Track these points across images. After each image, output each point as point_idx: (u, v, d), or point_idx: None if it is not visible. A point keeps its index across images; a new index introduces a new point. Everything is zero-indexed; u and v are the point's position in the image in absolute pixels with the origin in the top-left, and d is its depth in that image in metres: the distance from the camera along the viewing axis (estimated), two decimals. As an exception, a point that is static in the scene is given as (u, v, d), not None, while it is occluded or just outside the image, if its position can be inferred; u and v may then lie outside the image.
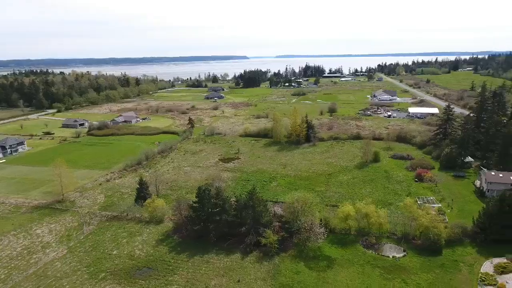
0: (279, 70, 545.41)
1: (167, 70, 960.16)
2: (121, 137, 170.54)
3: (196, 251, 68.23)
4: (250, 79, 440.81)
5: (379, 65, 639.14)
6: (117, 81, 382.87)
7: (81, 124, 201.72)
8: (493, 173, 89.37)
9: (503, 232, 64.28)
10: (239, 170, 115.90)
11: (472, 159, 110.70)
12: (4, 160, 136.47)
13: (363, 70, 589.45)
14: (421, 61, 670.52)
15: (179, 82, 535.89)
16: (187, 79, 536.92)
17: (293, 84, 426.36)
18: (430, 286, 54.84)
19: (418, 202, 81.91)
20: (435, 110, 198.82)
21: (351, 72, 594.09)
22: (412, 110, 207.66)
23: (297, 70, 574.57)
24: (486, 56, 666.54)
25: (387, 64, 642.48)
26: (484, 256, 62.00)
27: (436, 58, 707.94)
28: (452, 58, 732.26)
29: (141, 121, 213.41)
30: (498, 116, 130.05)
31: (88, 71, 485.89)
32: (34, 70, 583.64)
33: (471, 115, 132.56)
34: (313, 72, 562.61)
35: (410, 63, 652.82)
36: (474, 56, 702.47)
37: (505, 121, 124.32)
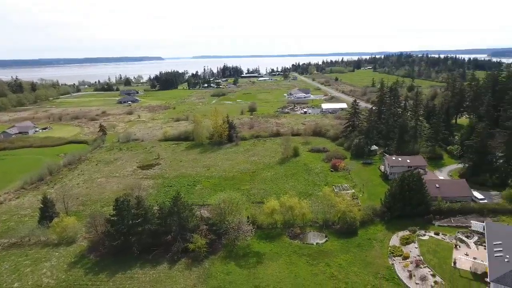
0: (197, 71, 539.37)
1: (70, 73, 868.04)
2: (15, 151, 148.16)
3: (118, 268, 63.17)
4: (167, 81, 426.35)
5: (293, 65, 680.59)
6: (7, 86, 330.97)
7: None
8: (393, 158, 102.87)
9: (404, 209, 74.40)
10: (160, 176, 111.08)
11: (377, 147, 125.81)
12: None
13: (279, 69, 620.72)
14: (329, 61, 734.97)
15: (86, 86, 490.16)
16: (95, 82, 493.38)
17: (212, 84, 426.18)
18: (349, 265, 60.51)
19: (335, 190, 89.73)
20: (344, 105, 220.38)
21: (268, 72, 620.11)
22: (325, 106, 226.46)
23: (215, 71, 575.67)
24: (382, 56, 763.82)
25: (300, 64, 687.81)
26: (392, 231, 70.83)
27: (342, 58, 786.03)
28: (355, 58, 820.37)
29: (41, 131, 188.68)
30: (395, 108, 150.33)
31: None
32: None
33: (374, 108, 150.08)
34: (232, 73, 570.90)
35: (320, 62, 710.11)
36: (373, 56, 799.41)
37: (400, 112, 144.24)
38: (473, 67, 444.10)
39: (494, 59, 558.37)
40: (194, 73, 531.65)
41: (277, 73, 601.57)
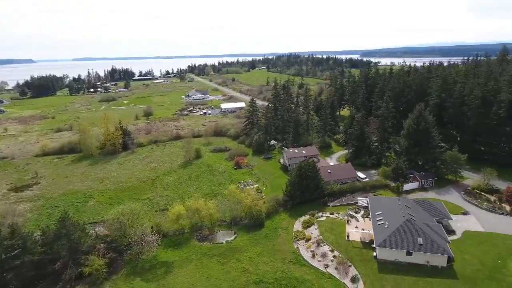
0: (79, 75, 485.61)
1: None
2: None
3: (-11, 315, 52.34)
4: (42, 87, 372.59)
5: (189, 66, 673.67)
6: None
7: None
8: (291, 150, 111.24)
9: (303, 195, 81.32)
10: (41, 197, 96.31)
11: (276, 142, 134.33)
12: None
13: (175, 71, 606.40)
14: (225, 62, 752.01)
15: None
16: None
17: (99, 89, 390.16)
18: (259, 256, 63.10)
19: (240, 186, 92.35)
20: (242, 104, 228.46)
21: (163, 74, 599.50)
22: (224, 106, 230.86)
23: (102, 74, 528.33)
24: (274, 57, 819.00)
25: (196, 65, 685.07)
26: (294, 217, 76.49)
27: (237, 59, 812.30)
28: (250, 58, 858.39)
29: None
30: (288, 104, 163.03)
31: None
32: None
33: (270, 105, 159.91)
34: (122, 76, 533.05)
35: (217, 63, 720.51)
36: (266, 57, 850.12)
37: (293, 107, 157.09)
38: (349, 66, 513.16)
39: (365, 59, 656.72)
40: (76, 77, 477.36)
41: (173, 74, 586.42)
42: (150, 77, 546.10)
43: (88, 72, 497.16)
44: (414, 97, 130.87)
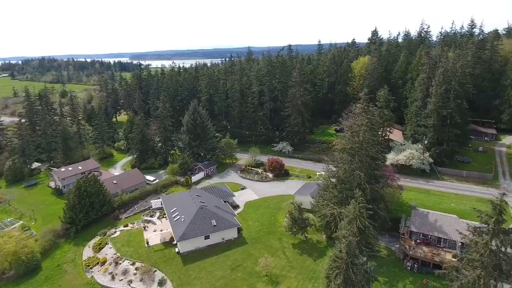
0: None
1: None
2: None
3: None
4: None
5: None
6: None
7: None
8: (63, 169, 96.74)
9: (88, 216, 72.88)
10: None
11: (39, 164, 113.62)
12: None
13: None
14: None
15: None
16: None
17: None
18: (42, 306, 51.98)
19: (-5, 230, 72.31)
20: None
21: None
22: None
23: None
24: (20, 62, 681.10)
25: None
26: (82, 244, 67.41)
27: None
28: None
29: None
30: (50, 116, 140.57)
31: None
32: None
33: (23, 121, 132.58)
34: None
35: None
36: (7, 62, 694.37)
37: (58, 120, 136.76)
38: (119, 69, 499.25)
39: (135, 61, 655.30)
40: None
41: None
42: None
43: None
44: (187, 95, 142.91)
